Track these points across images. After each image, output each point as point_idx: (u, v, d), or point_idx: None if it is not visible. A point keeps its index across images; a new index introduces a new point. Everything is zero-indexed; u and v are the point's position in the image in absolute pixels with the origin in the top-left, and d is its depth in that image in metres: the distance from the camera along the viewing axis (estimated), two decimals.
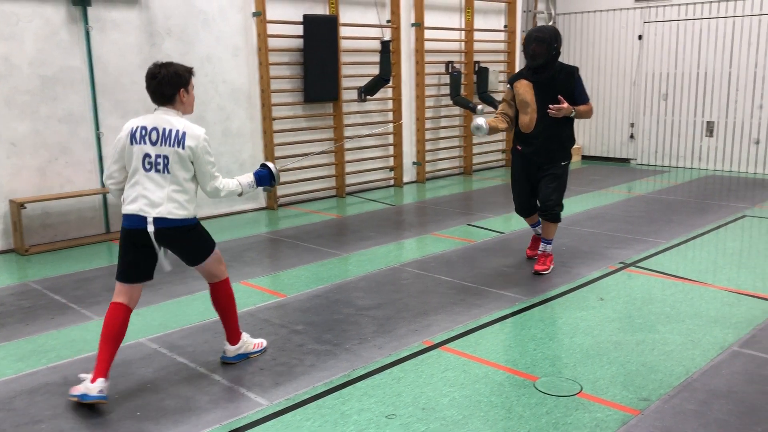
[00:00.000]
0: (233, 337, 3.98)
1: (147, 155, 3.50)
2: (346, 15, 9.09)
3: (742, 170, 10.74)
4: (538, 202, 5.69)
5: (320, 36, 8.57)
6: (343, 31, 9.02)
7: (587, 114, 5.54)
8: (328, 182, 9.27)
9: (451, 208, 8.45)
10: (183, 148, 3.50)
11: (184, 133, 3.51)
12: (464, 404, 3.47)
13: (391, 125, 9.87)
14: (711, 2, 10.65)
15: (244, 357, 4.04)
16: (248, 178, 3.89)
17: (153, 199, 3.50)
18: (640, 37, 11.46)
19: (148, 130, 3.51)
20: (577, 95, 5.43)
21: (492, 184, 10.27)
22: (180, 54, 7.60)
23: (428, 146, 10.52)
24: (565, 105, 5.31)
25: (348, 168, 9.40)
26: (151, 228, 3.50)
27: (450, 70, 10.31)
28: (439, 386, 3.67)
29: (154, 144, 3.50)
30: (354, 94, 9.18)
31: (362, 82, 9.18)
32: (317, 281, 5.55)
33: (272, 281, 5.64)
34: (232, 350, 3.99)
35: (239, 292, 5.26)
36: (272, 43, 8.34)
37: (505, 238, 6.90)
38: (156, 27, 7.39)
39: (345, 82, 9.11)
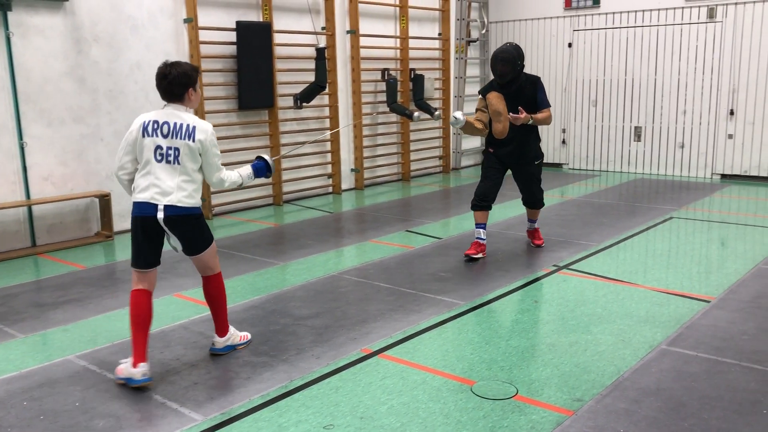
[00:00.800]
0: (222, 330, 4.21)
1: (159, 147, 3.76)
2: (280, 22, 9.03)
3: (668, 173, 11.14)
4: (523, 198, 6.56)
5: (254, 43, 8.47)
6: (278, 38, 8.95)
7: (546, 120, 6.11)
8: (265, 190, 9.17)
9: (390, 215, 8.47)
10: (193, 140, 3.77)
11: (194, 127, 3.78)
12: (402, 411, 3.47)
13: (328, 133, 9.84)
14: (636, 11, 11.03)
15: (232, 348, 4.26)
16: (247, 170, 4.17)
17: (164, 188, 3.75)
18: (569, 45, 11.78)
19: (160, 123, 3.78)
20: (540, 101, 6.10)
21: (430, 190, 10.35)
22: (108, 61, 7.40)
23: (366, 153, 10.54)
24: (522, 115, 5.90)
25: (285, 175, 9.32)
26: (161, 215, 3.77)
27: (386, 77, 10.36)
28: (378, 394, 3.66)
29: (165, 137, 3.76)
30: (290, 101, 9.11)
31: (298, 89, 9.13)
32: (254, 292, 5.47)
33: None
34: (221, 342, 4.21)
35: (172, 305, 5.17)
36: (205, 49, 8.20)
37: (442, 243, 6.95)
38: (82, 33, 7.17)
39: (280, 89, 9.03)
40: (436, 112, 10.66)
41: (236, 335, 4.31)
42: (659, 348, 4.21)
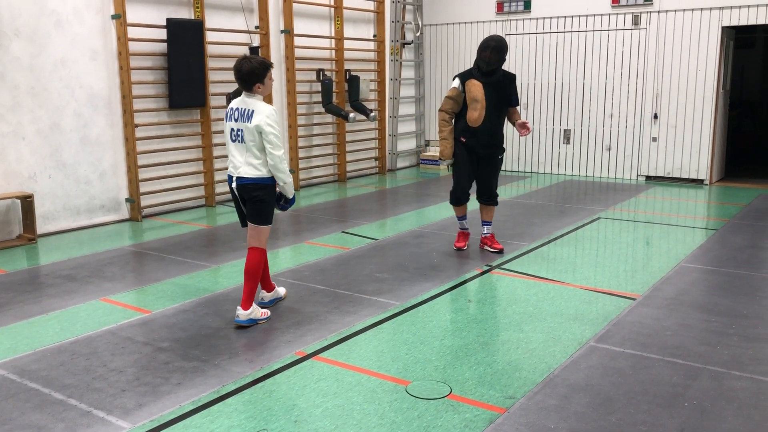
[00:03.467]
0: (247, 303, 4.65)
1: (232, 129, 4.59)
2: (212, 20, 8.86)
3: (596, 175, 11.48)
4: (478, 192, 6.60)
5: (185, 41, 8.29)
6: (210, 36, 8.78)
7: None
8: (197, 191, 8.97)
9: (326, 216, 8.43)
10: (251, 122, 4.48)
11: (252, 111, 4.50)
12: (337, 414, 3.45)
13: None
14: (566, 17, 11.32)
15: (254, 322, 4.68)
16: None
17: (236, 163, 4.58)
18: None
19: (234, 110, 4.59)
20: (514, 98, 6.44)
21: (366, 191, 10.36)
22: (31, 56, 7.10)
23: (301, 153, 10.46)
24: (528, 127, 6.26)
25: (218, 176, 9.14)
26: (234, 184, 4.60)
27: (321, 78, 10.31)
28: (312, 397, 3.63)
29: (236, 121, 4.56)
30: (223, 100, 8.95)
31: (231, 88, 8.97)
32: (185, 295, 5.34)
33: (136, 297, 5.36)
34: (244, 314, 4.64)
35: (98, 310, 5.00)
36: (134, 47, 7.97)
37: (378, 244, 6.96)
38: (1, 27, 6.85)
39: (213, 88, 8.86)
40: (372, 114, 10.69)
41: (258, 311, 4.74)
42: (588, 345, 4.32)
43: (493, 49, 6.12)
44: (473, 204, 6.74)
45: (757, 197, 9.41)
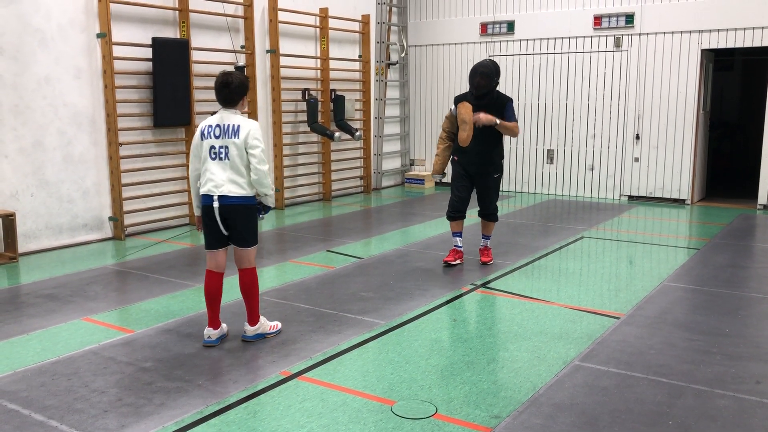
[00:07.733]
0: (253, 319, 4.66)
1: (212, 147, 4.43)
2: (198, 39, 8.88)
3: (579, 194, 11.58)
4: (480, 210, 6.80)
5: (171, 60, 8.29)
6: (196, 56, 8.80)
7: (512, 130, 6.50)
8: (181, 210, 8.93)
9: (311, 235, 8.41)
10: (238, 138, 4.39)
11: (239, 126, 4.42)
12: None
13: None
14: (548, 39, 11.47)
15: (262, 336, 4.70)
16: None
17: (217, 181, 4.41)
18: None
19: (213, 127, 4.45)
20: (506, 116, 6.44)
21: (351, 209, 10.36)
22: (14, 74, 7.07)
23: (287, 172, 10.46)
24: (482, 114, 6.24)
25: None
26: (216, 204, 4.41)
27: (307, 97, 10.35)
28: (297, 417, 3.60)
29: (217, 137, 4.42)
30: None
31: (217, 107, 8.95)
32: (168, 315, 5.29)
33: (119, 316, 5.31)
34: (251, 330, 4.65)
35: (80, 330, 4.95)
36: (119, 65, 7.96)
37: (363, 263, 6.95)
38: None
39: (198, 107, 8.86)
40: (357, 133, 10.74)
41: (266, 325, 4.74)
42: (572, 364, 4.33)
43: (482, 75, 6.34)
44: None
45: (738, 217, 9.53)
